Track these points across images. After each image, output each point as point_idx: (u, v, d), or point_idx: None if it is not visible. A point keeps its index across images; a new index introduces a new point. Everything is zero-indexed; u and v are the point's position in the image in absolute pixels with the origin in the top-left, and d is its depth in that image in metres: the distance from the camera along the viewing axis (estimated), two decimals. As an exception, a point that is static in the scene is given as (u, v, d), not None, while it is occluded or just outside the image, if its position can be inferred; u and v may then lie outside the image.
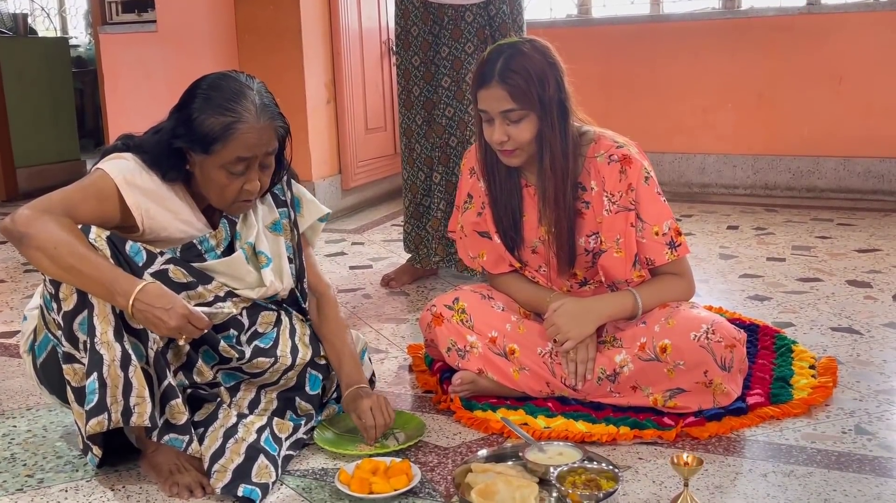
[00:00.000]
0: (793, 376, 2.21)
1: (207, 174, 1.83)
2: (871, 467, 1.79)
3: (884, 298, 2.95)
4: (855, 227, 4.07)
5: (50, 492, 1.80)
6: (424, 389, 2.28)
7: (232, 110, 1.79)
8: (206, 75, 1.88)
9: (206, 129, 1.79)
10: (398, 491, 1.69)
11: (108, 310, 1.69)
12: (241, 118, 1.80)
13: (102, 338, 1.68)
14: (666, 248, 2.06)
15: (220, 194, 1.86)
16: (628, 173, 2.05)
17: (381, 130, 5.07)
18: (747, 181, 5.02)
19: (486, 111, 2.03)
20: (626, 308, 2.06)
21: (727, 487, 1.73)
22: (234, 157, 1.80)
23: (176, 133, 1.82)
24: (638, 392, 2.03)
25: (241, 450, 1.79)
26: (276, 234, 2.01)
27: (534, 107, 1.99)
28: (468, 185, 2.26)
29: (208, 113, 1.79)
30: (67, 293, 1.70)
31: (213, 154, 1.80)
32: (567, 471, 1.68)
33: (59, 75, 6.07)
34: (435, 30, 3.07)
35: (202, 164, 1.82)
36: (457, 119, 3.08)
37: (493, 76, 1.99)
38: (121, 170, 1.81)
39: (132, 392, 1.68)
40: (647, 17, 5.18)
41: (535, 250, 2.18)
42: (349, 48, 4.71)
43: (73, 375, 1.73)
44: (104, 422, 1.67)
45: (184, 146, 1.82)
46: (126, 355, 1.68)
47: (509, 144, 2.02)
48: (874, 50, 4.65)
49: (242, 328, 1.92)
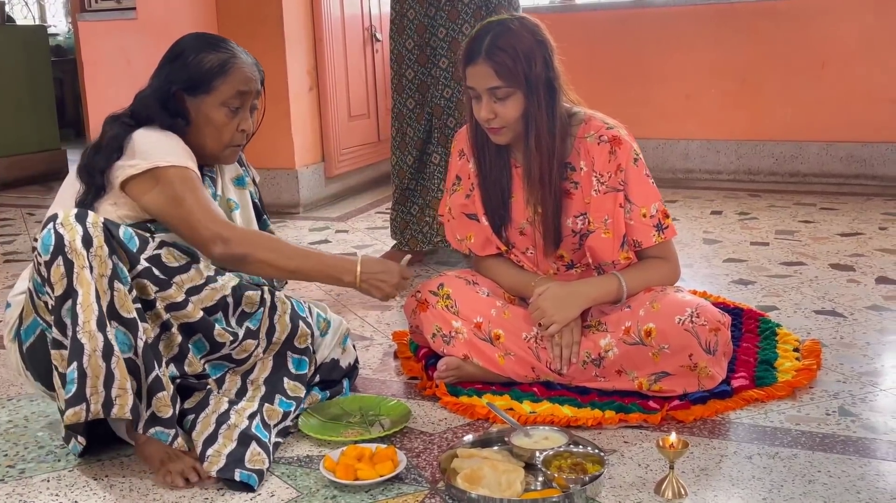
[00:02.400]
0: (777, 359, 2.22)
1: (207, 115, 1.91)
2: (855, 448, 1.80)
3: (866, 281, 2.96)
4: (838, 212, 4.09)
5: (32, 483, 1.78)
6: (409, 376, 2.27)
7: (226, 49, 1.94)
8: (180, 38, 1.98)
9: (206, 66, 1.90)
10: (384, 477, 1.69)
11: (91, 299, 1.66)
12: (235, 54, 1.94)
13: (85, 327, 1.65)
14: (653, 230, 2.06)
15: (217, 137, 1.94)
16: (618, 154, 2.04)
17: (364, 118, 5.05)
18: (731, 166, 5.03)
19: (473, 88, 2.02)
20: (611, 292, 2.06)
21: (712, 470, 1.73)
22: (235, 90, 1.92)
23: (172, 79, 1.90)
24: (623, 376, 2.03)
25: (234, 436, 1.78)
26: (241, 188, 2.09)
27: (520, 84, 1.98)
28: (457, 167, 2.25)
29: (205, 52, 1.91)
30: (57, 278, 1.67)
31: (213, 91, 1.90)
32: (553, 455, 1.68)
33: (38, 64, 6.01)
34: (431, 12, 3.08)
35: (201, 106, 1.91)
36: (454, 100, 3.08)
37: (479, 53, 1.99)
38: (173, 152, 1.85)
39: (114, 383, 1.66)
40: (631, 3, 5.17)
41: (522, 232, 2.17)
42: (331, 35, 4.68)
43: (61, 361, 1.71)
44: (81, 412, 1.65)
45: (182, 90, 1.90)
46: (108, 345, 1.66)
47: (496, 122, 2.02)
48: (856, 35, 4.66)
49: (229, 309, 1.90)
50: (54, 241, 1.67)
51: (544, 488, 1.66)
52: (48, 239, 1.68)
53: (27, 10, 9.47)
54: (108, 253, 1.69)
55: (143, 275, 1.76)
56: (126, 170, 1.83)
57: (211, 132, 1.93)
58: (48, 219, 1.73)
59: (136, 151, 1.84)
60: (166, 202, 1.83)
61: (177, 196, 1.82)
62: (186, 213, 1.82)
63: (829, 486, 1.64)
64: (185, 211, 1.82)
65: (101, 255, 1.68)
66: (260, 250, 1.86)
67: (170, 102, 1.90)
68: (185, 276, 1.82)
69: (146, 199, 1.84)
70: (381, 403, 2.04)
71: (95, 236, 1.69)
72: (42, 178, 5.92)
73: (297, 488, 1.71)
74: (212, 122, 1.92)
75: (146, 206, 1.85)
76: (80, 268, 1.66)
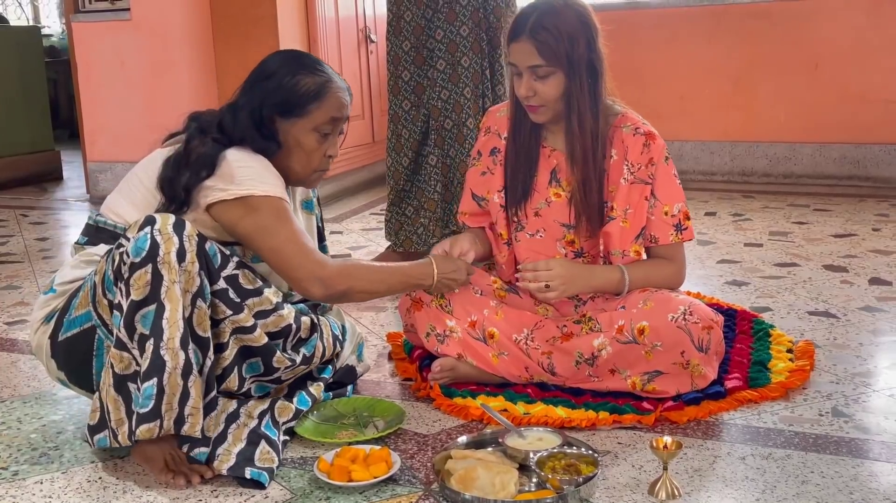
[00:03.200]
0: (770, 360, 2.22)
1: (297, 139, 1.89)
2: (848, 449, 1.80)
3: (860, 282, 2.97)
4: (831, 213, 4.10)
5: (25, 485, 1.78)
6: (404, 377, 2.27)
7: (322, 72, 1.91)
8: (270, 55, 1.94)
9: (302, 89, 1.86)
10: (378, 478, 1.68)
11: (178, 315, 1.65)
12: (331, 78, 1.91)
13: (169, 343, 1.64)
14: (672, 229, 2.10)
15: (306, 162, 1.91)
16: (651, 148, 2.08)
17: (358, 119, 5.05)
18: (724, 167, 5.04)
19: (514, 64, 2.04)
20: (613, 282, 2.09)
21: (706, 471, 1.73)
22: (329, 116, 1.89)
23: (265, 99, 1.86)
24: (616, 375, 2.03)
25: (243, 435, 1.78)
26: (309, 213, 2.08)
27: (561, 64, 1.99)
28: (480, 143, 2.28)
29: (301, 75, 1.87)
30: (141, 283, 1.65)
31: (306, 115, 1.87)
32: (547, 456, 1.68)
33: (31, 65, 5.99)
34: (428, 14, 3.08)
35: (292, 129, 1.88)
36: (452, 102, 3.08)
37: (523, 31, 2.00)
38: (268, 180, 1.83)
39: (188, 401, 1.66)
40: (625, 4, 5.18)
41: (537, 213, 2.18)
42: (326, 36, 4.68)
43: (119, 362, 1.69)
44: (155, 429, 1.64)
45: (275, 114, 1.86)
46: (188, 364, 1.65)
47: (535, 100, 2.03)
48: (849, 36, 4.68)
49: (290, 336, 1.90)
50: (149, 246, 1.65)
51: (538, 489, 1.66)
52: (143, 242, 1.65)
53: (21, 11, 9.45)
54: (198, 269, 1.68)
55: (219, 295, 1.76)
56: (217, 193, 1.80)
57: (300, 156, 1.91)
58: (145, 221, 1.69)
59: (229, 175, 1.80)
60: (258, 232, 1.80)
61: (270, 228, 1.80)
62: (279, 247, 1.80)
63: (823, 487, 1.65)
64: (278, 244, 1.80)
65: (191, 271, 1.67)
66: (356, 282, 1.89)
67: (264, 125, 1.87)
68: (256, 300, 1.82)
69: (236, 225, 1.81)
70: (376, 405, 2.04)
71: (189, 250, 1.67)
72: (36, 179, 5.91)
73: (292, 490, 1.71)
74: (302, 147, 1.90)
75: (235, 231, 1.83)
76: (171, 282, 1.65)
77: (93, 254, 1.88)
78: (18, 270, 3.57)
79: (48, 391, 2.25)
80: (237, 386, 1.86)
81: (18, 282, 3.38)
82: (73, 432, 2.00)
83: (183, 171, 1.81)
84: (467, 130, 3.04)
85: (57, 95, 7.98)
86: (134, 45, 4.93)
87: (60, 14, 8.91)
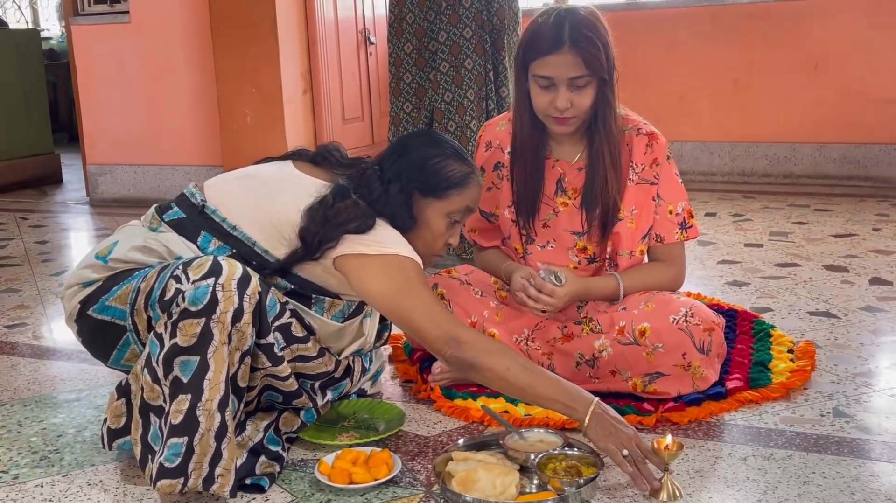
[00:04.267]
0: (771, 360, 2.22)
1: (429, 221, 1.90)
2: (850, 449, 1.80)
3: (860, 282, 2.97)
4: (831, 213, 4.10)
5: (25, 488, 1.77)
6: (404, 379, 2.27)
7: (469, 163, 1.94)
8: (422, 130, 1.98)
9: (448, 174, 1.89)
10: (379, 480, 1.68)
11: (222, 378, 1.60)
12: (475, 171, 1.95)
13: (206, 405, 1.59)
14: (677, 227, 2.11)
15: (431, 243, 1.92)
16: (654, 148, 2.08)
17: (358, 120, 5.05)
18: (724, 168, 5.04)
19: (550, 77, 1.97)
20: (608, 293, 2.11)
21: (707, 471, 1.73)
22: (465, 205, 1.92)
23: (414, 179, 1.87)
24: (617, 376, 2.03)
25: (245, 450, 1.77)
26: None
27: (601, 72, 1.97)
28: (482, 159, 2.25)
29: (451, 160, 1.90)
30: (188, 332, 1.59)
31: (445, 199, 1.89)
32: (547, 457, 1.68)
33: (31, 68, 6.00)
34: (430, 16, 3.08)
35: (427, 210, 1.89)
36: (455, 104, 3.08)
37: (563, 42, 1.94)
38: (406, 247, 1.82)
39: (220, 463, 1.61)
40: (623, 5, 5.19)
41: (546, 224, 2.18)
42: (325, 38, 4.68)
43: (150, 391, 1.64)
44: (177, 485, 1.58)
45: (416, 190, 1.87)
46: (223, 426, 1.60)
47: (570, 111, 2.00)
48: (849, 36, 4.68)
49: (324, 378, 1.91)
50: (208, 301, 1.59)
51: (539, 491, 1.65)
52: (203, 295, 1.59)
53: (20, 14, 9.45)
54: (251, 330, 1.65)
55: (264, 348, 1.73)
56: (358, 247, 1.78)
57: (426, 236, 1.91)
58: (210, 271, 1.62)
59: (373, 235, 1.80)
60: (395, 291, 1.77)
61: (409, 287, 1.77)
62: (418, 306, 1.76)
63: (824, 488, 1.65)
64: (417, 303, 1.76)
65: (244, 332, 1.64)
66: (491, 357, 1.73)
67: (410, 204, 1.87)
68: (301, 346, 1.83)
69: (370, 282, 1.78)
70: (376, 407, 2.03)
71: (247, 311, 1.64)
72: (36, 182, 5.91)
73: (292, 492, 1.71)
74: (431, 228, 1.90)
75: (364, 287, 1.79)
76: (221, 343, 1.60)
77: (164, 243, 1.83)
78: (18, 273, 3.57)
79: (48, 394, 2.25)
80: (254, 405, 1.86)
81: (18, 285, 3.38)
82: (74, 435, 2.00)
83: (326, 226, 1.78)
84: (471, 133, 3.04)
85: (56, 98, 7.98)
86: (133, 48, 4.93)
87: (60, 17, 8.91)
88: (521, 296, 2.07)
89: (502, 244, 2.28)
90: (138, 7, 4.90)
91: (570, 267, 2.18)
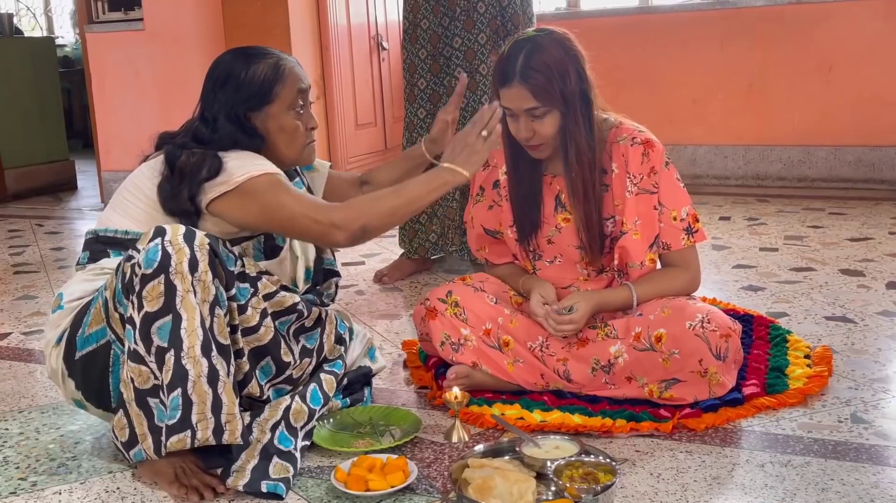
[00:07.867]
0: (788, 366, 2.21)
1: (277, 124, 1.92)
2: (868, 456, 1.79)
3: (877, 286, 2.95)
4: (847, 216, 4.08)
5: (43, 495, 1.78)
6: (419, 385, 2.27)
7: (269, 54, 1.93)
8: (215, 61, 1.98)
9: (260, 77, 1.90)
10: (395, 487, 1.68)
11: (196, 324, 1.66)
12: (280, 56, 1.94)
13: (189, 352, 1.64)
14: (683, 233, 2.09)
15: (292, 141, 1.94)
16: (650, 156, 2.06)
17: (371, 126, 5.06)
18: (738, 172, 5.02)
19: (510, 108, 2.02)
20: (621, 302, 2.10)
21: (724, 478, 1.72)
22: (295, 90, 1.92)
23: (234, 102, 1.89)
24: (633, 383, 2.02)
25: (256, 451, 1.78)
26: None
27: (557, 102, 1.98)
28: (481, 178, 2.26)
29: (253, 65, 1.90)
30: (154, 295, 1.65)
31: (276, 99, 1.90)
32: (564, 464, 1.68)
33: (46, 75, 6.04)
34: (445, 22, 3.09)
35: (268, 118, 1.91)
36: (470, 110, 3.08)
37: (514, 75, 1.97)
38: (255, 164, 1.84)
39: (223, 409, 1.65)
40: (636, 9, 5.18)
41: (550, 240, 2.17)
42: (338, 44, 4.69)
43: (139, 376, 1.68)
44: (186, 439, 1.64)
45: (247, 110, 1.89)
46: (213, 370, 1.65)
47: (535, 139, 2.03)
48: (863, 39, 4.65)
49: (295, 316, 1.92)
50: (160, 258, 1.65)
51: (556, 498, 1.65)
52: (154, 254, 1.66)
53: (35, 22, 9.51)
54: (211, 278, 1.69)
55: (235, 299, 1.78)
56: (217, 188, 1.81)
57: (285, 139, 1.93)
58: (155, 232, 1.69)
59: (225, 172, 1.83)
60: (264, 211, 1.82)
61: (273, 203, 1.81)
62: (290, 215, 1.81)
63: (843, 495, 1.63)
64: (288, 213, 1.81)
65: (204, 281, 1.68)
66: (368, 215, 1.83)
67: (245, 126, 1.90)
68: (261, 284, 1.85)
69: (244, 215, 1.83)
70: (391, 413, 2.03)
71: (201, 260, 1.68)
72: (51, 189, 5.95)
73: (309, 499, 1.71)
74: (284, 129, 1.92)
75: (245, 222, 1.85)
76: (185, 292, 1.66)
77: (101, 267, 1.89)
78: (35, 280, 3.59)
79: (66, 401, 2.26)
80: (259, 392, 1.87)
81: (35, 292, 3.40)
82: (91, 443, 2.01)
83: (182, 185, 1.82)
84: None
85: (71, 105, 8.03)
86: (147, 55, 4.96)
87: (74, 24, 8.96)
88: (542, 321, 2.08)
89: (515, 258, 2.28)
90: (152, 14, 4.93)
91: (579, 279, 2.18)
